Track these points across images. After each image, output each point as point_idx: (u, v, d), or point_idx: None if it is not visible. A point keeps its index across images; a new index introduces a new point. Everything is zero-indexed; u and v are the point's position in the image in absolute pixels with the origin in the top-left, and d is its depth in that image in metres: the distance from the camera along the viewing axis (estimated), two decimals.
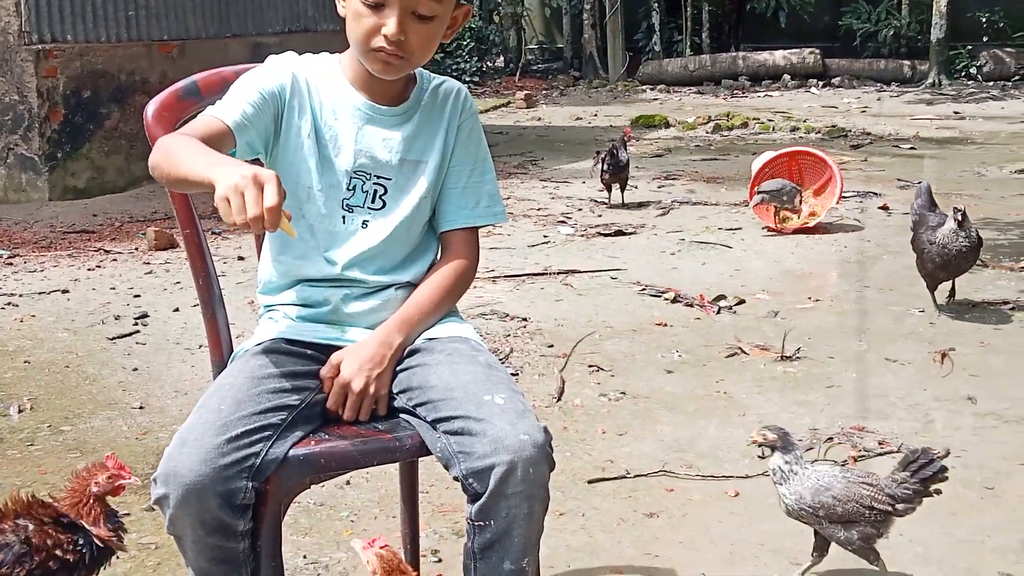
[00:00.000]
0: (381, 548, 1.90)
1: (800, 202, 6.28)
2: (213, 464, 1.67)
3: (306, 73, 1.98)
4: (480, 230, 2.11)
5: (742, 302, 4.86)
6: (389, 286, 2.01)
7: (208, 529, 1.69)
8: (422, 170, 2.02)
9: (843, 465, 2.89)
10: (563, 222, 6.69)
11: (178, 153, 1.68)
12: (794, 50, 15.44)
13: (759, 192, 6.17)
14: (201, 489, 1.66)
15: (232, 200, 1.53)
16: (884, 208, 6.91)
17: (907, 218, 6.55)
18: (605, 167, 6.97)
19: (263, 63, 2.01)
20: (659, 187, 7.92)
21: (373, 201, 1.99)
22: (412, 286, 2.03)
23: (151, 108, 2.04)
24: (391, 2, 1.84)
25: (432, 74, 2.07)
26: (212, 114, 1.85)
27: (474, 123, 2.08)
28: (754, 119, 11.38)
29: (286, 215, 1.59)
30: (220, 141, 1.80)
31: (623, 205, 7.13)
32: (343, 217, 1.98)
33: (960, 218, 4.45)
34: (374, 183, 1.99)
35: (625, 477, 3.10)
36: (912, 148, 9.60)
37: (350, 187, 1.98)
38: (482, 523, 1.75)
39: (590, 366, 4.04)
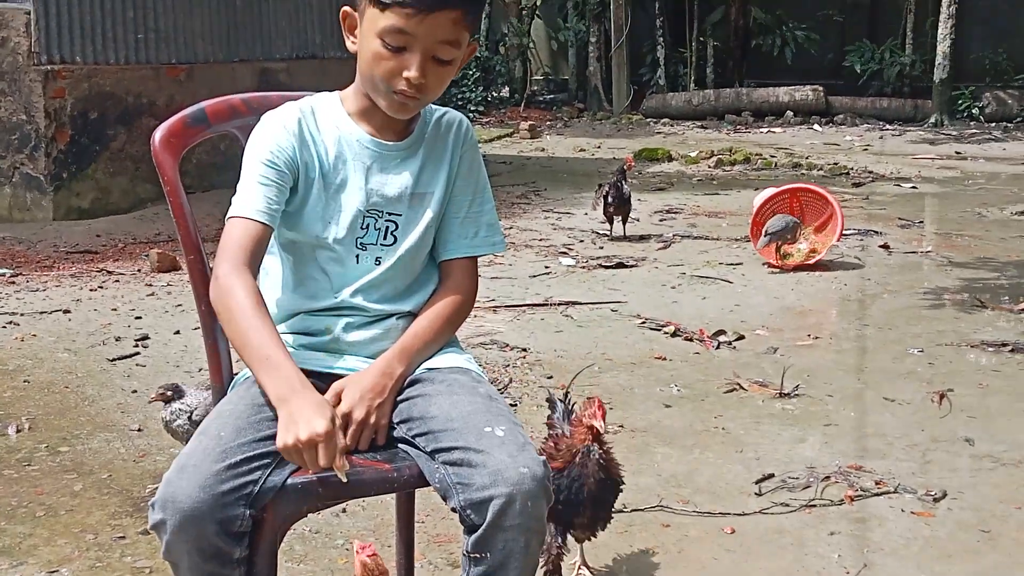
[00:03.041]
0: (368, 556, 1.92)
1: (800, 236, 6.31)
2: (212, 491, 1.67)
3: (307, 122, 1.98)
4: (480, 259, 2.13)
5: (742, 337, 4.87)
6: (391, 315, 2.02)
7: (205, 556, 1.70)
8: (428, 201, 2.03)
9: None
10: (564, 253, 6.71)
11: (236, 330, 1.82)
12: (798, 87, 15.49)
13: (766, 234, 6.18)
14: (199, 516, 1.66)
15: (296, 459, 1.72)
16: (885, 247, 6.93)
17: (908, 257, 6.65)
18: (609, 200, 7.00)
19: (261, 122, 1.98)
20: (660, 220, 7.95)
21: (385, 237, 2.01)
22: (413, 316, 2.04)
23: (159, 135, 2.06)
24: (414, 47, 1.86)
25: (433, 105, 2.09)
26: (244, 215, 1.89)
27: (475, 154, 2.10)
28: (757, 155, 11.42)
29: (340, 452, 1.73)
30: (264, 242, 1.91)
31: (624, 238, 7.16)
32: (357, 256, 1.99)
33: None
34: (386, 220, 2.00)
35: (622, 511, 3.09)
36: (914, 187, 9.63)
37: (363, 226, 1.99)
38: (478, 555, 1.75)
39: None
